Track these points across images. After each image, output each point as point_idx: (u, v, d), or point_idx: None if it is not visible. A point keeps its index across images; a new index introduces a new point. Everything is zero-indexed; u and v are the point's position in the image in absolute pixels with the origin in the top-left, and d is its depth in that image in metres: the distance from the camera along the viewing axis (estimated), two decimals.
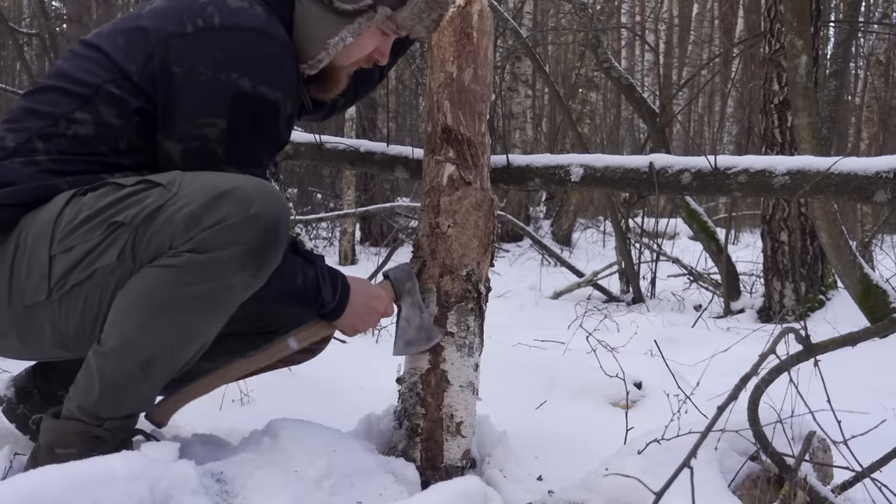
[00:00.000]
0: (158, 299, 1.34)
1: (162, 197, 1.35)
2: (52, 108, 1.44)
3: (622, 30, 13.33)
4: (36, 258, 1.37)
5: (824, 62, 7.10)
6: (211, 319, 1.40)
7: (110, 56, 1.44)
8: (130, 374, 1.38)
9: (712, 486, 1.48)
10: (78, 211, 1.37)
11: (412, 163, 2.59)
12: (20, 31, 8.37)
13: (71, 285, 1.36)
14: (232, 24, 1.44)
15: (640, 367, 2.63)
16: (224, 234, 1.33)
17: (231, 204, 1.34)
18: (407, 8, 1.58)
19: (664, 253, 6.50)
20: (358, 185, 8.68)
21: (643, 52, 15.23)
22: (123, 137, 1.45)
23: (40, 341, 1.42)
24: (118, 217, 1.35)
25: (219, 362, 1.62)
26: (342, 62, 1.63)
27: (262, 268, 1.39)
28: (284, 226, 1.40)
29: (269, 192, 1.39)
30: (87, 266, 1.35)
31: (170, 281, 1.34)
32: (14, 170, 1.41)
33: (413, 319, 1.69)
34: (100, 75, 1.43)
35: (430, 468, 1.68)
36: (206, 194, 1.34)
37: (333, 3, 1.55)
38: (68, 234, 1.36)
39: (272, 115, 1.49)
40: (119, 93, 1.43)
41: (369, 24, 1.57)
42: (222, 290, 1.37)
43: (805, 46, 3.99)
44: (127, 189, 1.37)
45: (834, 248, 4.05)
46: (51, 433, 1.41)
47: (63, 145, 1.43)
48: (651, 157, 2.45)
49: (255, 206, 1.35)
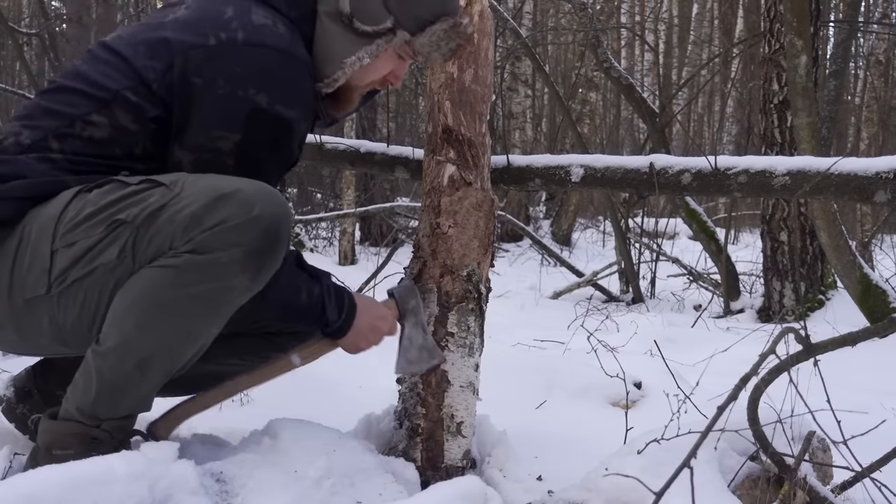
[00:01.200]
0: (157, 299, 1.34)
1: (164, 197, 1.36)
2: (69, 108, 1.44)
3: (622, 30, 13.34)
4: (38, 252, 1.38)
5: (824, 62, 7.11)
6: (210, 321, 1.40)
7: (130, 63, 1.44)
8: (128, 374, 1.37)
9: (712, 486, 1.48)
10: (82, 207, 1.37)
11: (413, 163, 2.59)
12: (20, 30, 8.35)
13: (71, 281, 1.36)
14: (254, 41, 1.44)
15: (639, 367, 2.63)
16: (224, 236, 1.34)
17: (232, 206, 1.34)
18: (425, 35, 1.60)
19: (664, 253, 6.50)
20: (358, 185, 8.67)
21: (643, 52, 15.24)
22: (139, 143, 1.45)
23: (38, 335, 1.43)
24: (120, 215, 1.35)
25: (219, 363, 1.62)
26: (357, 82, 1.64)
27: (261, 270, 1.39)
28: (286, 228, 1.40)
29: (271, 195, 1.39)
30: (88, 262, 1.35)
31: (169, 281, 1.34)
32: (28, 164, 1.42)
33: (416, 339, 1.69)
34: (119, 81, 1.44)
35: (430, 468, 1.68)
36: (208, 195, 1.35)
37: (354, 23, 1.56)
38: (71, 230, 1.36)
39: (287, 133, 1.49)
40: (137, 100, 1.43)
41: (387, 46, 1.59)
42: (222, 291, 1.37)
43: (805, 46, 4.00)
44: (131, 187, 1.38)
45: (834, 248, 4.05)
46: (48, 434, 1.41)
47: (78, 146, 1.44)
48: (651, 158, 2.45)
49: (257, 208, 1.35)
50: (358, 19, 1.56)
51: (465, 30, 1.65)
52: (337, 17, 1.56)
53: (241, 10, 1.48)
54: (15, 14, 14.49)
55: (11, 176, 1.41)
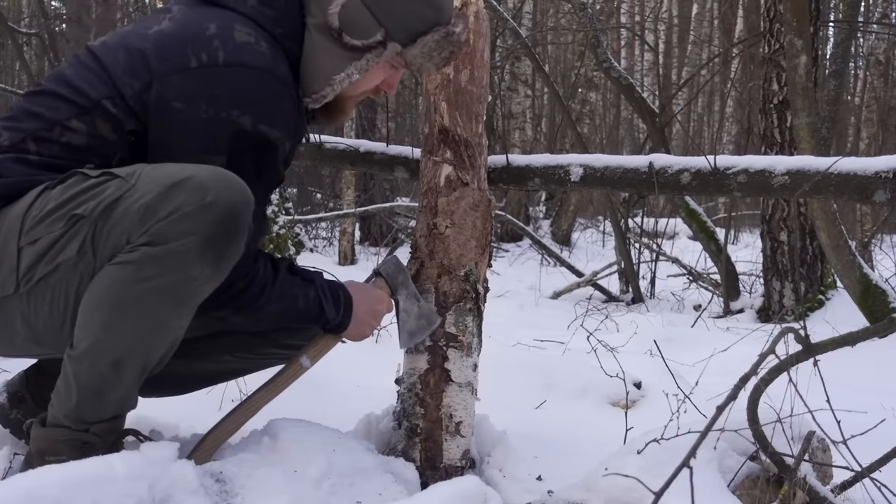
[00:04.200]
0: (120, 297, 1.32)
1: (120, 189, 1.33)
2: (50, 112, 1.42)
3: (622, 30, 13.34)
4: (6, 251, 1.36)
5: (824, 62, 7.10)
6: (177, 314, 1.37)
7: (109, 73, 1.42)
8: (104, 376, 1.36)
9: (712, 485, 1.48)
10: (45, 203, 1.35)
11: (412, 163, 2.59)
12: (20, 30, 8.36)
13: (37, 279, 1.34)
14: (235, 62, 1.42)
15: (639, 367, 2.64)
16: (178, 225, 1.30)
17: (185, 193, 1.31)
18: (417, 46, 1.55)
19: (664, 253, 6.50)
20: (357, 185, 8.67)
21: (643, 52, 15.25)
22: (116, 154, 1.43)
23: (12, 335, 1.41)
24: (78, 210, 1.33)
25: (212, 360, 1.62)
26: (349, 93, 1.60)
27: (221, 259, 1.36)
28: (244, 214, 1.36)
29: (228, 181, 1.35)
30: (51, 259, 1.33)
31: (128, 277, 1.31)
32: (4, 164, 1.40)
33: (412, 309, 1.70)
34: (99, 90, 1.42)
35: (429, 468, 1.68)
36: (161, 184, 1.32)
37: (343, 37, 1.51)
38: (34, 226, 1.34)
39: (271, 153, 1.48)
40: (115, 111, 1.41)
41: (377, 60, 1.55)
42: (182, 282, 1.34)
43: (804, 46, 4.00)
44: (91, 180, 1.35)
45: (833, 248, 4.05)
46: (40, 441, 1.40)
47: (55, 150, 1.42)
48: (651, 157, 2.45)
49: (211, 194, 1.31)
50: (347, 33, 1.51)
51: (459, 38, 1.58)
52: (325, 31, 1.52)
53: (224, 26, 1.44)
54: (15, 14, 14.49)
55: None
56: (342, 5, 1.50)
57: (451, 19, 1.58)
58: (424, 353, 1.72)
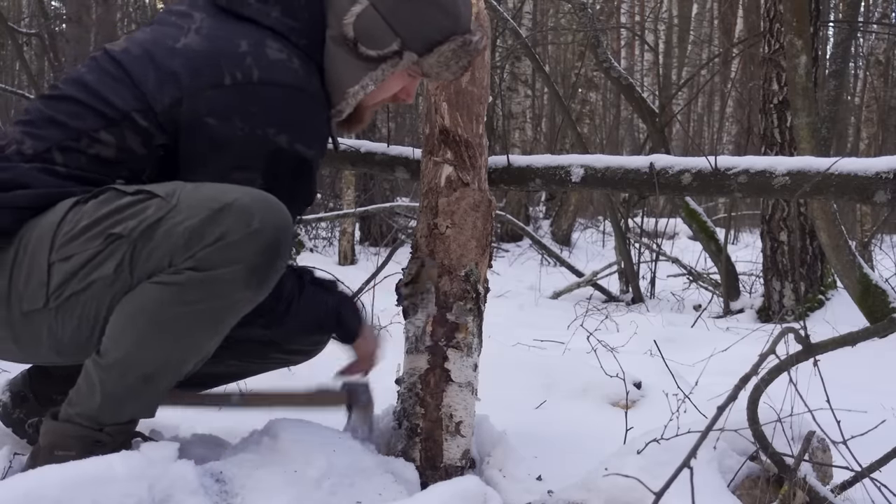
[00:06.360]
0: (160, 317, 1.32)
1: (161, 209, 1.32)
2: (74, 121, 1.40)
3: (622, 30, 13.35)
4: (35, 264, 1.35)
5: (824, 62, 7.10)
6: (214, 333, 1.39)
7: (140, 86, 1.40)
8: (132, 387, 1.37)
9: (712, 486, 1.48)
10: (79, 219, 1.34)
11: (413, 163, 2.59)
12: (20, 30, 8.35)
13: (68, 295, 1.34)
14: (269, 80, 1.41)
15: (639, 367, 2.63)
16: (225, 253, 1.31)
17: (230, 218, 1.31)
18: (433, 55, 1.53)
19: (664, 253, 6.50)
20: (357, 185, 8.67)
21: (643, 52, 15.25)
22: (146, 168, 1.42)
23: (36, 346, 1.41)
24: (116, 229, 1.32)
25: (220, 363, 1.62)
26: (366, 103, 1.59)
27: (263, 283, 1.37)
28: (287, 240, 1.37)
29: (271, 206, 1.36)
30: (85, 277, 1.33)
31: (171, 298, 1.31)
32: (32, 174, 1.38)
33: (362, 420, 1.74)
34: (129, 102, 1.40)
35: (429, 468, 1.68)
36: (207, 207, 1.31)
37: (358, 48, 1.50)
38: (67, 243, 1.33)
39: (307, 171, 1.48)
40: (146, 125, 1.39)
41: (393, 70, 1.54)
42: (225, 307, 1.35)
43: (804, 46, 4.00)
44: (127, 198, 1.34)
45: (833, 248, 4.05)
46: (51, 435, 1.40)
47: (83, 162, 1.40)
48: (651, 158, 2.45)
49: (256, 220, 1.32)
50: (362, 43, 1.50)
51: (477, 46, 1.55)
52: (342, 42, 1.51)
53: (256, 43, 1.43)
54: (15, 14, 14.48)
55: (14, 184, 1.37)
56: (357, 15, 1.50)
57: (469, 27, 1.56)
58: (425, 353, 1.72)
